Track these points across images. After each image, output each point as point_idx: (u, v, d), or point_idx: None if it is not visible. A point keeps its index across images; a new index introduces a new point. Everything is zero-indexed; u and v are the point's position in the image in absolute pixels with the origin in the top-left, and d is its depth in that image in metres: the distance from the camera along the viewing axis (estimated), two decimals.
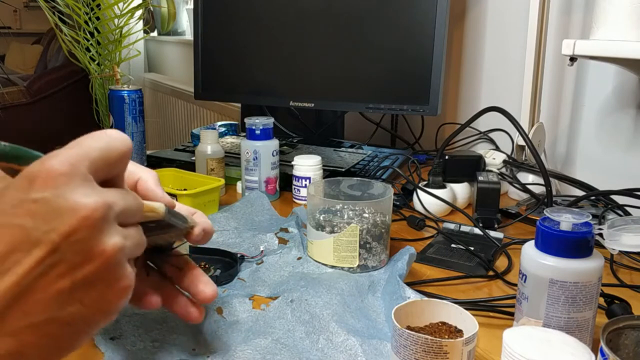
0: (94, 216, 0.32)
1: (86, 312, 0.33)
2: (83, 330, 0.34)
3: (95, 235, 0.32)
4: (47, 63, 4.00)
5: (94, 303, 0.34)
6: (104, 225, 0.33)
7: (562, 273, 0.50)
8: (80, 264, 0.32)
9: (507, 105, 1.01)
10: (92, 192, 0.33)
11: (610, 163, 1.03)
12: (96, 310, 0.34)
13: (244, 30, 1.24)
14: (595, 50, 0.81)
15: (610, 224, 0.53)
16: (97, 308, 0.34)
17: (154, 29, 3.16)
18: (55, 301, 0.32)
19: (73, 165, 0.33)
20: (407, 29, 1.09)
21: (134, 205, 0.37)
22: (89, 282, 0.33)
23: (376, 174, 1.07)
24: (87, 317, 0.34)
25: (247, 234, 0.81)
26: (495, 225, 0.87)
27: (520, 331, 0.46)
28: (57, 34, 2.09)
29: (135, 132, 1.09)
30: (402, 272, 0.64)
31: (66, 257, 0.32)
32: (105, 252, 0.33)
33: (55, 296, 0.32)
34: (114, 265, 0.34)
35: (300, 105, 1.21)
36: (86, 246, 0.32)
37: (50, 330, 0.33)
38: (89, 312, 0.34)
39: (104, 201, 0.33)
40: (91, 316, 0.34)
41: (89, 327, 0.35)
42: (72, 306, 0.33)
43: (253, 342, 0.54)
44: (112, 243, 0.33)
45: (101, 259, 0.33)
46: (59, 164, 0.32)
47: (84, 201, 0.32)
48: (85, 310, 0.33)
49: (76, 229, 0.32)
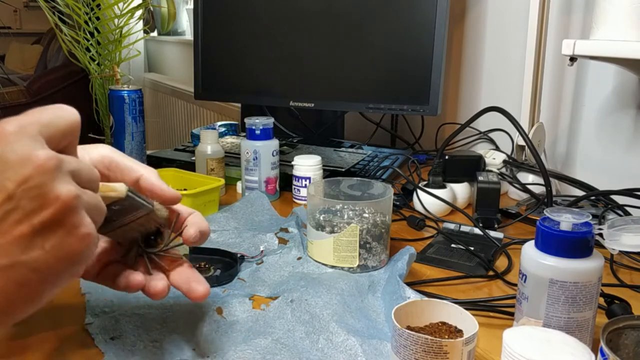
0: (47, 165, 0.34)
1: (49, 258, 0.35)
2: (49, 279, 0.36)
3: (49, 182, 0.34)
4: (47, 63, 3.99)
5: (55, 249, 0.35)
6: (57, 173, 0.34)
7: (562, 273, 0.50)
8: (36, 210, 0.34)
9: (507, 105, 1.01)
10: (42, 147, 0.35)
11: (610, 163, 1.03)
12: (59, 257, 0.35)
13: (244, 30, 1.24)
14: (595, 50, 0.81)
15: (610, 224, 0.53)
16: (60, 254, 0.35)
17: (154, 29, 3.16)
18: (17, 246, 0.34)
19: (23, 126, 0.35)
20: (407, 29, 1.09)
21: (89, 170, 0.38)
22: (48, 227, 0.34)
23: (376, 174, 1.07)
24: (50, 263, 0.35)
25: (247, 234, 0.81)
26: (495, 225, 0.87)
27: (520, 331, 0.46)
28: (57, 34, 2.09)
29: (135, 132, 1.09)
30: (402, 272, 0.64)
31: (22, 204, 0.33)
32: (60, 198, 0.34)
33: (15, 241, 0.34)
34: (70, 211, 0.35)
35: (300, 105, 1.21)
36: (41, 192, 0.34)
37: (16, 275, 0.34)
38: (52, 258, 0.35)
39: (55, 155, 0.35)
40: (55, 263, 0.35)
41: (53, 276, 0.36)
42: (34, 251, 0.34)
43: (253, 342, 0.54)
44: (67, 189, 0.34)
45: (57, 204, 0.34)
46: (9, 126, 0.34)
47: (36, 152, 0.34)
48: (48, 256, 0.35)
49: (30, 176, 0.33)
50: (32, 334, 0.55)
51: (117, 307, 0.60)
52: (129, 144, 1.10)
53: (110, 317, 0.57)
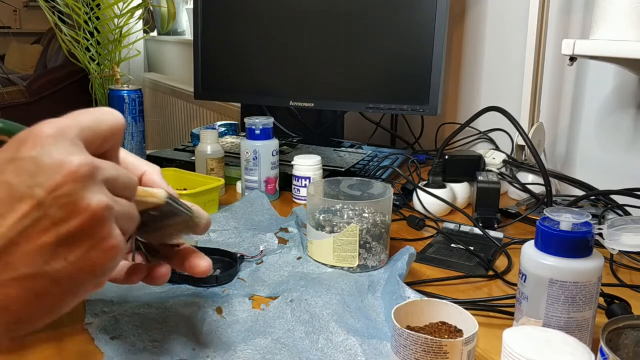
0: (80, 172, 0.32)
1: (72, 269, 0.33)
2: (70, 290, 0.34)
3: (80, 191, 0.33)
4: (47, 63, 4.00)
5: (80, 261, 0.34)
6: (90, 182, 0.33)
7: (562, 273, 0.50)
8: (64, 219, 0.32)
9: (507, 105, 1.01)
10: (79, 153, 0.33)
11: (610, 163, 1.03)
12: (82, 269, 0.34)
13: (244, 30, 1.24)
14: (595, 50, 0.81)
15: (610, 224, 0.53)
16: (83, 267, 0.34)
17: (154, 29, 3.16)
18: (40, 256, 0.32)
19: (62, 130, 0.33)
20: (407, 29, 1.09)
21: (125, 178, 0.37)
22: (74, 238, 0.33)
23: (376, 174, 1.07)
24: (73, 275, 0.34)
25: (247, 234, 0.81)
26: (495, 225, 0.87)
27: (520, 331, 0.46)
28: (57, 34, 2.09)
29: (135, 132, 1.10)
30: (402, 272, 0.64)
31: (51, 212, 0.32)
32: (90, 208, 0.33)
33: (39, 250, 0.32)
34: (99, 223, 0.34)
35: (300, 105, 1.20)
36: (71, 201, 0.32)
37: (36, 286, 0.33)
38: (75, 270, 0.34)
39: (91, 161, 0.33)
40: (77, 275, 0.34)
41: (76, 288, 0.35)
42: (57, 262, 0.33)
43: (253, 342, 0.54)
44: (98, 200, 0.33)
45: (86, 214, 0.33)
46: (48, 128, 0.33)
47: (71, 159, 0.33)
48: (71, 268, 0.33)
49: (61, 183, 0.32)
50: (32, 334, 0.55)
51: (117, 307, 0.60)
52: (129, 144, 1.10)
53: (110, 317, 0.57)
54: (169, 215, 0.45)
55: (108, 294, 0.62)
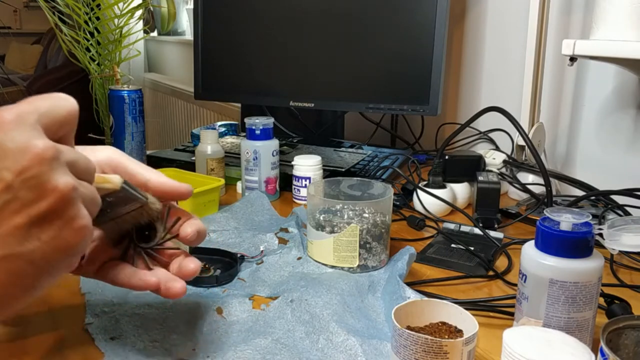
0: (45, 155, 0.33)
1: (45, 249, 0.35)
2: (45, 270, 0.36)
3: (47, 173, 0.34)
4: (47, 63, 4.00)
5: (52, 240, 0.35)
6: (55, 164, 0.34)
7: (562, 273, 0.50)
8: (34, 200, 0.34)
9: (507, 105, 1.01)
10: (41, 137, 0.34)
11: (610, 163, 1.03)
12: (55, 248, 0.35)
13: (244, 30, 1.24)
14: (595, 50, 0.81)
15: (610, 224, 0.53)
16: (56, 246, 0.35)
17: (154, 29, 3.16)
18: (13, 237, 0.34)
19: (21, 115, 0.34)
20: (407, 29, 1.09)
21: (85, 162, 0.38)
22: (45, 218, 0.34)
23: (376, 174, 1.07)
24: (46, 254, 0.35)
25: (247, 234, 0.81)
26: (495, 225, 0.87)
27: (520, 331, 0.46)
28: (57, 34, 2.09)
29: (135, 132, 1.09)
30: (402, 272, 0.64)
31: (20, 194, 0.33)
32: (57, 189, 0.34)
33: (12, 231, 0.34)
34: (67, 203, 0.35)
35: (300, 105, 1.20)
36: (39, 182, 0.33)
37: (12, 266, 0.34)
38: (48, 250, 0.35)
39: (54, 145, 0.34)
40: (51, 254, 0.35)
41: (50, 267, 0.36)
42: (30, 242, 0.34)
43: (253, 342, 0.54)
44: (64, 181, 0.34)
45: (54, 195, 0.34)
46: (7, 114, 0.34)
47: (35, 142, 0.34)
48: (45, 247, 0.35)
49: (28, 166, 0.33)
50: (32, 334, 0.55)
51: (117, 307, 0.60)
52: (129, 144, 1.10)
53: (110, 317, 0.57)
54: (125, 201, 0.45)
55: (108, 294, 0.62)
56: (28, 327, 0.57)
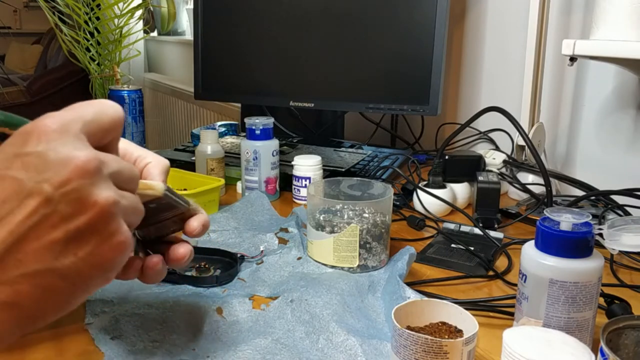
0: (87, 168, 0.33)
1: (81, 265, 0.34)
2: (79, 286, 0.35)
3: (88, 187, 0.33)
4: (47, 63, 4.00)
5: (89, 256, 0.34)
6: (97, 177, 0.33)
7: (562, 273, 0.50)
8: (73, 215, 0.33)
9: (507, 105, 1.01)
10: (84, 147, 0.34)
11: (610, 163, 1.03)
12: (91, 264, 0.34)
13: (244, 30, 1.24)
14: (595, 50, 0.81)
15: (610, 224, 0.53)
16: (92, 262, 0.34)
17: (154, 29, 3.16)
18: (50, 251, 0.33)
19: (66, 124, 0.33)
20: (407, 29, 1.09)
21: (129, 171, 0.37)
22: (83, 233, 0.33)
23: (376, 174, 1.07)
24: (82, 271, 0.34)
25: (247, 234, 0.81)
26: (495, 225, 0.87)
27: (520, 331, 0.46)
28: (57, 34, 2.09)
29: (135, 132, 1.10)
30: (402, 272, 0.64)
31: (59, 208, 0.32)
32: (98, 204, 0.33)
33: (49, 246, 0.32)
34: (107, 218, 0.34)
35: (300, 105, 1.20)
36: (79, 196, 0.33)
37: (46, 281, 0.33)
38: (84, 266, 0.34)
39: (97, 156, 0.34)
40: (86, 270, 0.34)
41: (85, 283, 0.35)
42: (66, 258, 0.33)
43: (253, 342, 0.54)
44: (106, 195, 0.33)
45: (94, 210, 0.33)
46: (52, 122, 0.33)
47: (77, 154, 0.33)
48: (80, 264, 0.34)
49: (69, 179, 0.32)
50: (32, 334, 0.55)
51: (117, 307, 0.60)
52: None
53: (110, 317, 0.57)
54: (166, 208, 0.45)
55: (108, 294, 0.62)
56: None
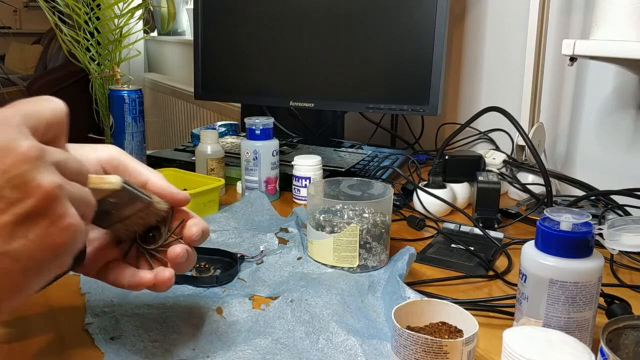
0: (29, 154, 0.34)
1: (32, 247, 0.34)
2: (33, 269, 0.35)
3: (31, 171, 0.34)
4: (47, 63, 4.00)
5: (39, 238, 0.35)
6: (39, 162, 0.34)
7: (562, 273, 0.50)
8: (19, 200, 0.34)
9: (507, 105, 1.01)
10: (25, 137, 0.34)
11: (610, 163, 1.03)
12: (42, 247, 0.35)
13: (244, 30, 1.24)
14: (595, 50, 0.81)
15: (610, 224, 0.53)
16: (43, 244, 0.35)
17: (154, 29, 3.16)
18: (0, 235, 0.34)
19: (5, 117, 0.35)
20: (407, 29, 1.09)
21: (75, 162, 0.38)
22: (31, 216, 0.34)
23: (376, 174, 1.07)
24: (34, 254, 0.35)
25: (247, 234, 0.81)
26: (495, 225, 0.87)
27: (520, 331, 0.46)
28: (57, 34, 2.09)
29: (135, 132, 1.09)
30: (402, 272, 0.64)
31: (4, 193, 0.33)
32: (41, 187, 0.34)
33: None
34: (53, 201, 0.34)
35: (300, 105, 1.20)
36: (22, 181, 0.33)
37: None
38: (36, 248, 0.35)
39: (38, 144, 0.35)
40: (38, 253, 0.35)
41: (38, 266, 0.36)
42: (16, 241, 0.34)
43: (253, 342, 0.54)
44: (49, 179, 0.34)
45: (39, 193, 0.34)
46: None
47: (18, 142, 0.34)
48: (32, 246, 0.34)
49: (11, 165, 0.33)
50: (32, 334, 0.56)
51: (117, 307, 0.59)
52: (129, 144, 1.10)
53: (110, 317, 0.57)
54: (129, 202, 0.45)
55: (108, 294, 0.62)
56: (28, 327, 0.57)
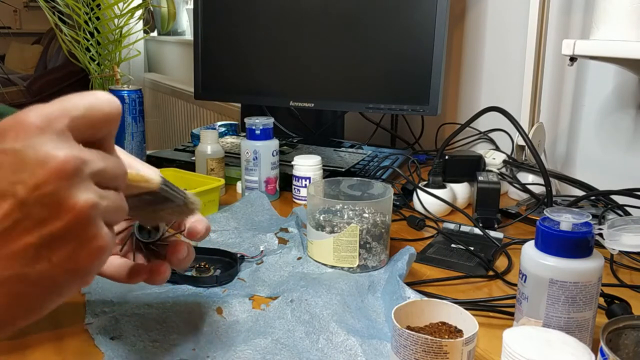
0: (65, 169, 0.30)
1: (55, 271, 0.32)
2: (53, 291, 0.33)
3: (65, 189, 0.30)
4: (47, 63, 4.00)
5: (64, 262, 0.32)
6: (76, 179, 0.31)
7: (562, 273, 0.50)
8: (48, 219, 0.31)
9: (507, 105, 1.01)
10: (65, 146, 0.31)
11: (610, 163, 1.03)
12: (66, 270, 0.32)
13: (244, 30, 1.24)
14: (595, 50, 0.81)
15: (610, 224, 0.53)
16: (67, 268, 0.32)
17: (154, 29, 3.16)
18: (22, 257, 0.31)
19: (50, 119, 0.31)
20: (407, 29, 1.09)
21: (114, 168, 0.35)
22: (58, 238, 0.31)
23: (376, 174, 1.07)
24: (56, 277, 0.32)
25: (247, 234, 0.81)
26: (495, 225, 0.87)
27: (520, 331, 0.46)
28: (57, 34, 2.09)
29: (135, 132, 1.09)
30: (402, 272, 0.64)
31: (33, 212, 0.30)
32: (75, 207, 0.31)
33: (21, 252, 0.31)
34: (85, 223, 0.32)
35: (300, 105, 1.20)
36: (54, 200, 0.30)
37: (17, 288, 0.32)
38: (58, 272, 0.32)
39: (78, 155, 0.31)
40: (61, 276, 0.32)
41: (59, 288, 0.33)
42: (39, 264, 0.31)
43: (253, 342, 0.54)
44: (84, 198, 0.31)
45: (71, 214, 0.31)
46: (34, 117, 0.31)
47: (55, 153, 0.30)
48: (55, 270, 0.32)
49: (45, 181, 0.30)
50: (32, 334, 0.55)
51: (117, 307, 0.60)
52: (129, 144, 1.10)
53: (110, 317, 0.57)
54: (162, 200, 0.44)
55: (108, 294, 0.62)
56: (28, 327, 0.57)
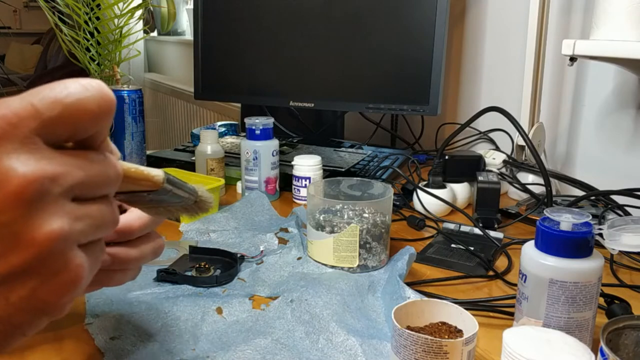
0: (24, 192, 0.24)
1: (13, 311, 0.26)
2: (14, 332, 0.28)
3: (23, 218, 0.25)
4: (47, 63, 4.00)
5: (23, 301, 0.26)
6: (38, 204, 0.25)
7: (562, 273, 0.50)
8: (3, 255, 0.25)
9: (507, 105, 1.01)
10: (29, 160, 0.25)
11: (610, 163, 1.03)
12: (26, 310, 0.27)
13: (244, 30, 1.24)
14: (595, 50, 0.81)
15: (610, 224, 0.53)
16: (28, 307, 0.27)
17: (154, 29, 3.16)
18: None
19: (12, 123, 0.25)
20: (407, 29, 1.09)
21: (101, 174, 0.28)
22: (16, 275, 0.26)
23: (376, 174, 1.07)
24: (14, 317, 0.27)
25: (247, 234, 0.81)
26: (495, 225, 0.87)
27: (520, 331, 0.46)
28: (57, 34, 2.09)
29: (135, 132, 1.09)
30: (402, 272, 0.64)
31: None
32: (36, 241, 0.25)
33: None
34: (49, 256, 0.26)
35: (300, 105, 1.21)
36: (10, 232, 0.25)
37: None
38: (17, 312, 0.26)
39: (43, 173, 0.25)
40: (20, 316, 0.27)
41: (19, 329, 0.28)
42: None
43: (253, 342, 0.54)
44: (48, 229, 0.25)
45: (32, 249, 0.25)
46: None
47: (14, 172, 0.24)
48: (12, 309, 0.26)
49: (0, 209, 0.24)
50: (32, 334, 0.55)
51: (117, 307, 0.60)
52: (129, 144, 1.10)
53: (110, 317, 0.57)
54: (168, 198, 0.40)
55: (108, 294, 0.62)
56: None
